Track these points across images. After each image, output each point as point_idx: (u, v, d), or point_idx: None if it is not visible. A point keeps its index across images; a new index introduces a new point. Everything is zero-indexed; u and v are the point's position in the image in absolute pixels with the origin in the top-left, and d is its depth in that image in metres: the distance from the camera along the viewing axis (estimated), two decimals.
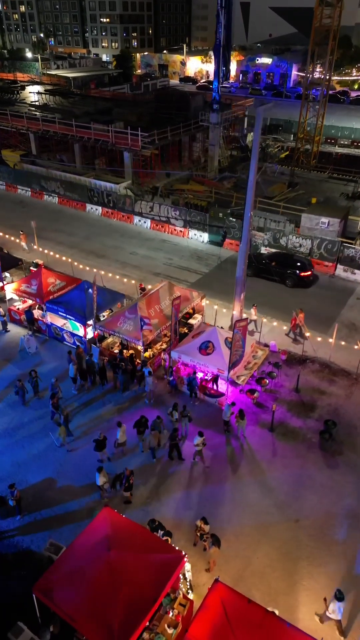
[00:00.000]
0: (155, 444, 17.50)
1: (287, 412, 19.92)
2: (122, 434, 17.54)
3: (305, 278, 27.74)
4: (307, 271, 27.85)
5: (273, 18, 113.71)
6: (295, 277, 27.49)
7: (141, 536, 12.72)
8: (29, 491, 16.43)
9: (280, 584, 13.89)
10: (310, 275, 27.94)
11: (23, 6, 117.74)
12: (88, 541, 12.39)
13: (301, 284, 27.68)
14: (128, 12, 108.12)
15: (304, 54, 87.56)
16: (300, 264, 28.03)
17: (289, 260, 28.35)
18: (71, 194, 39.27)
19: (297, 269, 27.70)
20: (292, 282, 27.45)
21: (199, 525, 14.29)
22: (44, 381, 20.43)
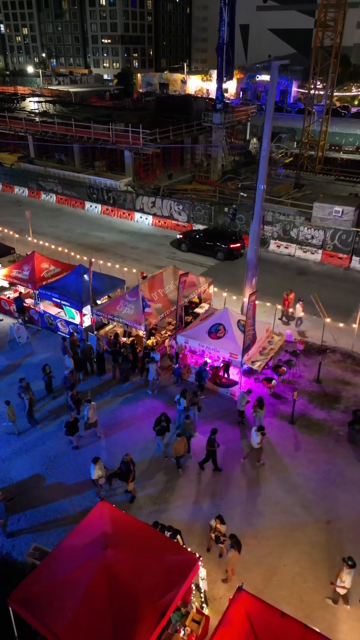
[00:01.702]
0: (183, 451, 14.68)
1: (308, 403, 17.64)
2: (92, 413, 15.43)
3: (235, 250, 28.53)
4: (236, 243, 28.55)
5: (272, 39, 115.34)
6: (225, 250, 28.39)
7: (144, 534, 10.33)
8: (12, 490, 14.04)
9: (314, 597, 11.40)
10: (239, 247, 28.58)
11: (26, 28, 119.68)
12: (80, 540, 10.01)
13: (231, 256, 28.57)
14: (129, 33, 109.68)
15: (303, 72, 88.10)
16: (229, 237, 28.87)
17: (219, 235, 29.31)
18: (70, 192, 37.72)
19: (226, 242, 28.46)
20: (222, 255, 28.40)
21: (213, 525, 11.87)
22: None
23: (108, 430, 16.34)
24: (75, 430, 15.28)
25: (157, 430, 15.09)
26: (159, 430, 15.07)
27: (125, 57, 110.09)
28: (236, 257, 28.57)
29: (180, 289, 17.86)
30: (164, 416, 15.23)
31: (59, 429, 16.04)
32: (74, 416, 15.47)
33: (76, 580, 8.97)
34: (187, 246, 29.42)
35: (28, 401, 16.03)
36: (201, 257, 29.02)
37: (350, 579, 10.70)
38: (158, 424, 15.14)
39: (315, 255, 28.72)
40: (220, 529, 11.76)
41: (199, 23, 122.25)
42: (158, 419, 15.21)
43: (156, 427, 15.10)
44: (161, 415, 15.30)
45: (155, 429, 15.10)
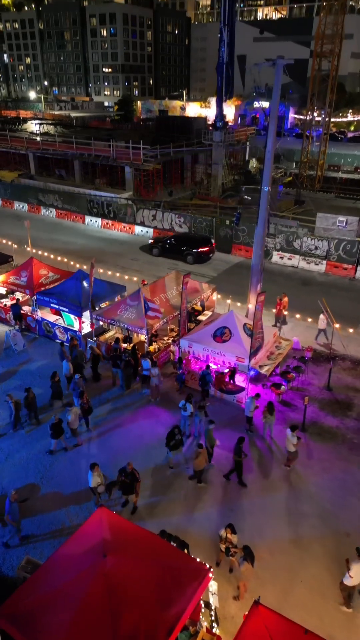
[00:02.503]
0: (205, 465, 13.44)
1: (319, 410, 16.72)
2: (74, 418, 14.55)
3: (203, 253, 28.91)
4: (205, 247, 28.90)
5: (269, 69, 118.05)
6: (195, 254, 28.71)
7: (148, 542, 9.28)
8: (2, 500, 12.94)
9: (335, 616, 10.28)
10: (208, 251, 28.97)
11: (29, 58, 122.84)
12: (76, 548, 8.96)
13: (200, 259, 28.92)
14: (129, 62, 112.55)
15: (300, 98, 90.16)
16: (198, 241, 29.25)
17: (188, 239, 29.61)
18: (70, 206, 37.47)
19: (195, 246, 28.78)
20: (192, 258, 28.67)
21: (223, 535, 10.81)
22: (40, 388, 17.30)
23: (108, 437, 15.37)
24: (61, 433, 14.37)
25: (170, 445, 13.79)
26: (174, 444, 13.79)
27: (125, 85, 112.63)
28: (205, 260, 29.04)
29: (183, 291, 17.14)
30: (177, 429, 13.98)
31: None
32: (59, 418, 14.50)
33: (72, 591, 7.92)
34: (158, 251, 29.86)
35: (13, 405, 15.08)
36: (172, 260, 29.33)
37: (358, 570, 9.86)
38: (172, 438, 13.78)
39: (320, 266, 28.20)
40: (231, 540, 10.70)
41: (197, 54, 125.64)
42: (171, 433, 13.85)
43: (170, 441, 13.78)
44: (174, 428, 14.00)
45: (169, 444, 13.79)
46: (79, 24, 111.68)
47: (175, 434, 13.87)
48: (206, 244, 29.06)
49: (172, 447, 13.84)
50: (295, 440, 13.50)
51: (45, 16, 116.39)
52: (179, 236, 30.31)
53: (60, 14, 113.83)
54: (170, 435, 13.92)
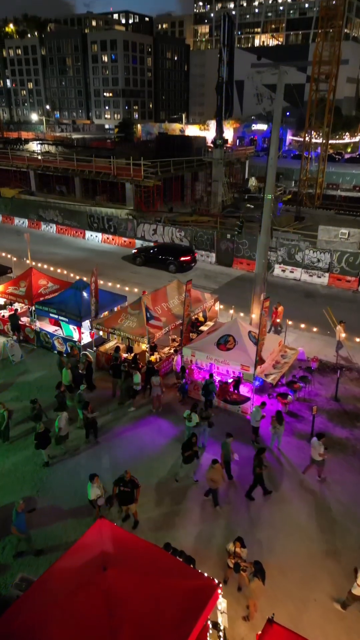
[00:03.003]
0: (221, 483, 12.40)
1: (327, 421, 16.10)
2: (64, 424, 13.93)
3: (185, 262, 29.41)
4: (187, 256, 29.51)
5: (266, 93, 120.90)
6: (177, 263, 29.17)
7: (152, 555, 8.60)
8: (5, 511, 12.24)
9: (354, 638, 9.48)
10: (189, 260, 29.56)
11: (31, 83, 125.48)
12: (74, 562, 8.28)
13: (182, 268, 29.37)
14: (130, 87, 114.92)
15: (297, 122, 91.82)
16: (180, 251, 29.93)
17: (171, 249, 30.27)
18: (70, 222, 37.39)
19: (177, 255, 29.33)
20: (174, 267, 29.10)
21: (232, 549, 10.10)
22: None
23: (107, 449, 14.71)
24: (47, 443, 13.74)
25: (186, 456, 12.91)
26: (189, 456, 12.92)
27: (126, 109, 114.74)
28: (187, 269, 29.58)
29: (186, 297, 16.70)
30: (196, 438, 13.14)
31: (54, 449, 14.42)
32: (44, 426, 13.85)
33: (69, 607, 7.23)
34: (141, 260, 30.30)
35: (6, 414, 14.47)
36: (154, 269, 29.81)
37: None
38: (189, 448, 12.82)
39: (322, 279, 27.88)
40: (240, 554, 9.99)
41: (196, 79, 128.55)
42: (189, 443, 12.90)
43: (186, 451, 12.88)
44: (191, 437, 13.10)
45: (185, 454, 12.91)
46: (81, 50, 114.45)
47: (193, 443, 12.99)
48: (187, 254, 29.77)
49: (187, 458, 12.98)
50: (322, 450, 12.88)
51: (48, 43, 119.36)
52: (161, 246, 31.00)
53: (62, 41, 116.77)
54: (187, 445, 13.00)
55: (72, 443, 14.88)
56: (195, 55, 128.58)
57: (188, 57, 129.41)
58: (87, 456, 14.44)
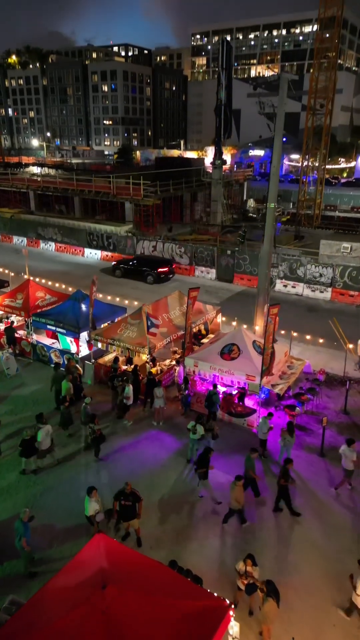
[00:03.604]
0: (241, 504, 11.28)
1: (337, 435, 15.31)
2: (45, 437, 13.07)
3: (163, 274, 29.97)
4: (164, 267, 30.05)
5: (262, 121, 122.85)
6: (154, 274, 29.63)
7: (155, 573, 7.76)
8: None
9: None
10: (167, 271, 30.15)
11: (32, 112, 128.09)
12: (69, 580, 7.45)
13: (160, 279, 29.90)
14: (129, 115, 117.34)
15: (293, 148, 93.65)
16: (158, 262, 30.42)
17: (149, 261, 30.83)
18: (69, 240, 37.15)
19: (154, 267, 29.81)
20: (152, 278, 29.64)
21: (242, 569, 9.22)
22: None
23: (106, 464, 13.88)
24: (32, 453, 12.98)
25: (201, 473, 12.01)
26: (204, 473, 12.03)
27: (125, 136, 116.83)
28: (164, 280, 30.07)
29: (189, 305, 16.15)
30: (211, 450, 12.23)
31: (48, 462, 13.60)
32: (30, 434, 13.06)
33: (64, 630, 6.37)
34: (120, 272, 30.74)
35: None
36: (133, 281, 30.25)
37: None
38: (204, 463, 11.90)
39: (325, 294, 27.45)
40: (252, 573, 9.11)
41: (194, 108, 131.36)
42: (204, 458, 11.96)
43: (202, 467, 11.96)
44: (208, 451, 12.14)
45: (199, 471, 12.02)
46: (81, 80, 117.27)
47: (208, 459, 12.05)
48: (166, 265, 30.34)
49: (202, 475, 12.04)
50: (355, 456, 12.15)
51: (49, 73, 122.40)
52: (140, 258, 31.74)
53: (63, 71, 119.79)
54: (202, 460, 12.02)
55: (68, 457, 14.06)
56: (193, 85, 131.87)
57: (186, 87, 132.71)
58: (84, 471, 13.59)
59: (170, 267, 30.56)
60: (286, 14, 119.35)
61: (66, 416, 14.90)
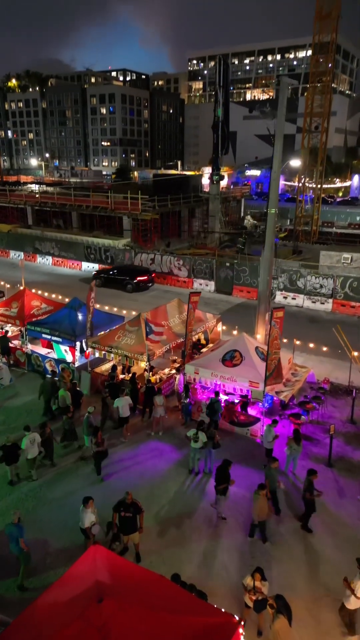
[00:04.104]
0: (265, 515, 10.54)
1: (345, 444, 14.67)
2: (29, 445, 12.42)
3: (142, 282, 30.51)
4: (143, 276, 30.62)
5: (258, 143, 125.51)
6: (133, 283, 30.09)
7: (156, 586, 7.04)
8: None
9: None
10: (146, 280, 30.71)
11: (32, 134, 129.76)
12: (63, 595, 6.72)
13: (139, 288, 30.41)
14: (127, 137, 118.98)
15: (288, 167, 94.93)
16: (137, 271, 31.06)
17: (128, 270, 31.43)
18: (66, 253, 36.84)
19: (133, 276, 30.33)
20: (131, 287, 30.07)
21: (250, 584, 8.49)
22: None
23: (103, 475, 13.14)
24: (14, 460, 12.28)
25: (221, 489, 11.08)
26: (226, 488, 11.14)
27: (123, 157, 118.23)
28: (144, 289, 30.51)
29: (190, 309, 15.66)
30: (229, 464, 11.35)
31: (42, 475, 12.86)
32: (13, 439, 12.42)
33: None
34: (100, 282, 30.67)
35: None
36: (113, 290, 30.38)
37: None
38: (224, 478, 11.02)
39: (326, 305, 27.03)
40: (260, 589, 8.37)
41: (190, 131, 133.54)
42: (223, 472, 11.08)
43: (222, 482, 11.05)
44: (227, 464, 11.27)
45: (219, 487, 11.10)
46: (80, 103, 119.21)
47: (228, 474, 11.13)
48: (144, 274, 30.91)
49: (221, 491, 11.13)
50: None
51: (49, 97, 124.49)
52: (120, 267, 32.30)
53: (62, 95, 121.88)
54: (221, 474, 11.10)
55: (62, 468, 13.32)
56: (190, 108, 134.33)
57: (183, 110, 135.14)
58: (79, 483, 12.84)
59: (149, 276, 31.13)
60: (280, 39, 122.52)
61: (69, 429, 14.17)
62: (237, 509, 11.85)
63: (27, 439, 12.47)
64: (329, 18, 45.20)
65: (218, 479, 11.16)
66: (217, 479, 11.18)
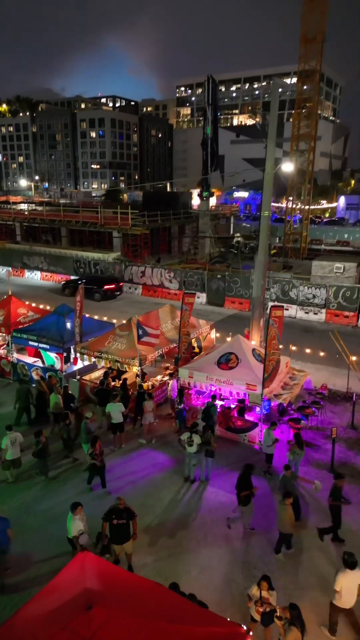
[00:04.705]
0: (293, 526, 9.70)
1: (347, 450, 14.00)
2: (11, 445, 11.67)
3: (109, 291, 31.13)
4: (110, 285, 31.23)
5: (245, 166, 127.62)
6: (101, 292, 30.58)
7: (153, 594, 6.23)
8: None
9: None
10: (114, 288, 31.40)
11: (22, 157, 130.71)
12: (48, 604, 5.89)
13: (107, 296, 30.96)
14: (117, 160, 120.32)
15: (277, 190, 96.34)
16: (105, 280, 31.68)
17: (96, 279, 31.97)
18: (55, 268, 36.27)
19: (101, 284, 30.81)
20: (99, 296, 30.42)
21: (256, 594, 7.67)
22: None
23: (92, 486, 12.26)
24: None
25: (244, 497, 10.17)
26: (246, 497, 10.21)
27: (112, 179, 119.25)
28: (111, 297, 31.10)
29: (184, 310, 15.07)
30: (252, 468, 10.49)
31: (28, 482, 11.95)
32: None
33: None
34: (69, 291, 31.28)
35: None
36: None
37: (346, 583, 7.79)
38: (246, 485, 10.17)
39: (319, 315, 26.66)
40: (268, 599, 7.56)
41: (179, 155, 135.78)
42: (245, 479, 10.22)
43: (244, 489, 10.17)
44: (249, 468, 10.42)
45: (243, 495, 10.17)
46: (70, 127, 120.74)
47: (250, 481, 10.21)
48: (112, 283, 31.60)
49: (244, 499, 10.23)
50: None
51: (39, 121, 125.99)
52: (88, 277, 32.94)
53: (53, 119, 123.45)
54: (243, 481, 10.21)
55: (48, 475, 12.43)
56: (178, 133, 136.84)
57: (171, 134, 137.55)
58: (67, 493, 11.93)
59: (117, 284, 31.87)
60: (265, 67, 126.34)
61: (65, 437, 13.28)
62: (237, 518, 11.03)
63: (7, 438, 11.65)
64: (314, 42, 46.39)
65: (240, 486, 10.24)
66: (238, 487, 10.26)
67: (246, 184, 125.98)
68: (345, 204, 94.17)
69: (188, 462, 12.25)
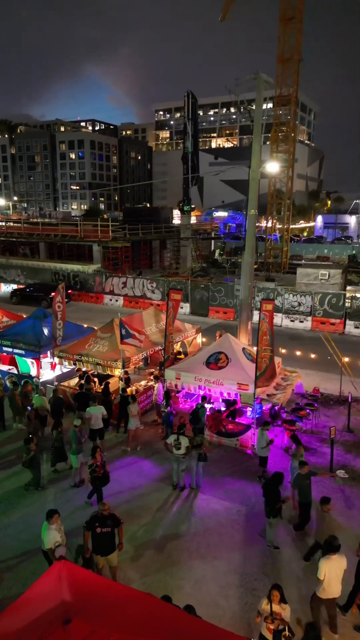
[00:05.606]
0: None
1: (345, 453, 13.19)
2: None
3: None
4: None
5: (224, 188, 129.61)
6: (48, 299, 29.33)
7: (143, 606, 5.20)
8: None
9: None
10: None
11: (0, 178, 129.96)
12: (19, 619, 4.81)
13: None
14: (96, 181, 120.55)
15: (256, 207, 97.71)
16: (51, 288, 30.47)
17: (43, 287, 31.68)
18: (33, 281, 35.11)
19: (48, 292, 29.98)
20: (46, 303, 29.30)
21: (266, 609, 6.64)
22: None
23: (74, 494, 11.11)
24: None
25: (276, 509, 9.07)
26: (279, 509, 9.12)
27: (92, 200, 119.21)
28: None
29: (169, 307, 14.23)
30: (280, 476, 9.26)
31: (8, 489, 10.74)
32: None
33: None
34: (17, 299, 31.60)
35: None
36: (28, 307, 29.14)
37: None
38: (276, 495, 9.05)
39: (305, 323, 26.14)
40: (280, 614, 6.53)
41: (158, 176, 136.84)
42: (273, 488, 9.12)
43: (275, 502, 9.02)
44: (280, 477, 9.25)
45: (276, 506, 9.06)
46: (49, 149, 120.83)
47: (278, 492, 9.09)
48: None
49: (276, 511, 9.13)
50: None
51: (18, 143, 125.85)
52: (35, 285, 32.90)
53: (32, 141, 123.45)
54: (271, 490, 9.11)
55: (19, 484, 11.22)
56: (157, 155, 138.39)
57: (151, 157, 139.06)
58: (46, 503, 10.74)
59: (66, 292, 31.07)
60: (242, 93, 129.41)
61: (58, 446, 12.02)
62: (232, 526, 10.03)
63: None
64: (291, 61, 47.43)
65: (269, 498, 9.14)
66: (267, 498, 9.17)
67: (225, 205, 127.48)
68: (322, 222, 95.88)
69: (176, 467, 11.23)
